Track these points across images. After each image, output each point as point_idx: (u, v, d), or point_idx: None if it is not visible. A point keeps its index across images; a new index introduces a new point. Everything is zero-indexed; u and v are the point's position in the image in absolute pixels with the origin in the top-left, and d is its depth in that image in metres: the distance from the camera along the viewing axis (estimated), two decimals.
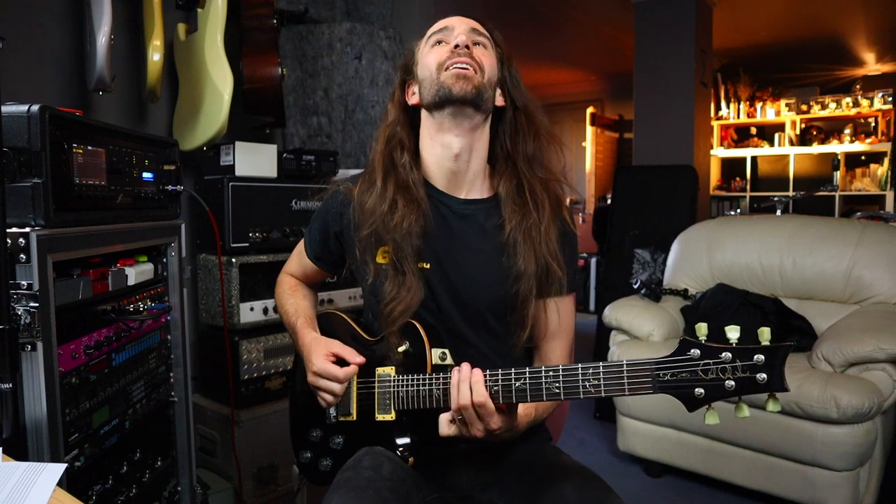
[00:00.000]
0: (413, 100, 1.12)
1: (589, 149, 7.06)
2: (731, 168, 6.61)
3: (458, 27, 1.07)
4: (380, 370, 1.07)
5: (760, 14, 4.94)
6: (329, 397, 1.08)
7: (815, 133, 6.25)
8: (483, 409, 0.89)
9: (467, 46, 1.04)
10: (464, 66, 1.02)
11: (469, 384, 0.90)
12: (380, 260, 1.10)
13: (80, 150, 1.19)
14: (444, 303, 1.09)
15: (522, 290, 1.05)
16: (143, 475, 1.44)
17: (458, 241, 1.10)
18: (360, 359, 1.08)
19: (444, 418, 0.94)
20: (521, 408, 0.99)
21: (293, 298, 1.28)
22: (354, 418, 1.10)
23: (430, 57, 1.06)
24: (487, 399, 0.89)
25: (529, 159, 1.10)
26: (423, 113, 1.10)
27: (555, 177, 1.12)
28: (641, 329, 2.47)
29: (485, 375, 0.90)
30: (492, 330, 1.10)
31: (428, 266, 1.08)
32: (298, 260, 1.32)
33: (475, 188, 1.12)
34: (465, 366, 0.92)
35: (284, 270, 1.36)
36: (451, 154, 1.07)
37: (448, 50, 1.04)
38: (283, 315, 1.28)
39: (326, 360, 1.08)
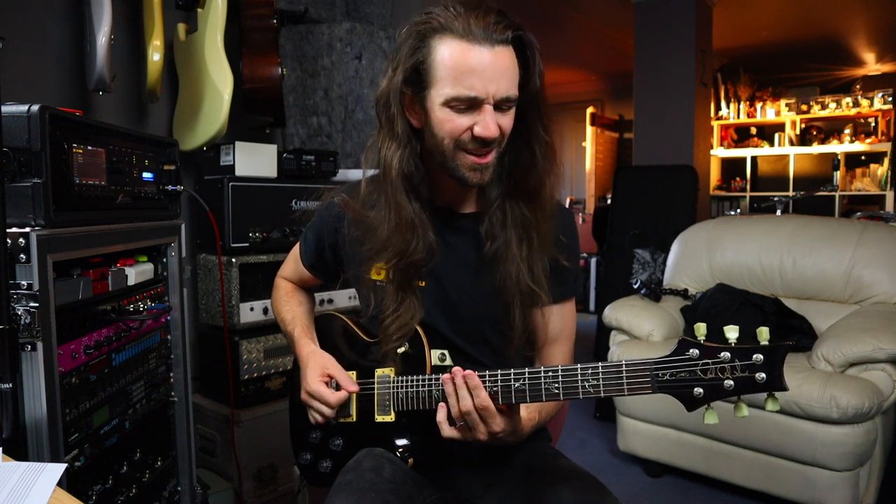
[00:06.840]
0: (416, 123, 0.99)
1: (589, 149, 7.06)
2: (731, 168, 6.61)
3: (489, 96, 0.90)
4: (379, 371, 1.07)
5: (760, 14, 4.94)
6: (319, 417, 1.08)
7: (815, 133, 6.25)
8: (486, 411, 0.88)
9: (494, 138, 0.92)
10: (487, 164, 0.95)
11: (467, 389, 0.88)
12: (374, 276, 1.07)
13: (80, 150, 1.19)
14: (440, 319, 1.07)
15: (515, 302, 1.01)
16: (143, 475, 1.44)
17: (454, 258, 1.06)
18: (354, 388, 1.06)
19: (442, 420, 0.93)
20: (525, 411, 0.97)
21: (289, 305, 1.27)
22: (354, 419, 1.09)
23: (448, 126, 0.93)
24: (490, 402, 0.88)
25: (523, 167, 1.00)
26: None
27: (549, 181, 1.02)
28: (641, 329, 2.47)
29: (483, 376, 0.89)
30: (490, 343, 1.08)
31: (423, 284, 1.06)
32: (294, 265, 1.30)
33: (471, 201, 1.08)
34: (458, 371, 0.90)
35: (280, 275, 1.34)
36: (455, 187, 1.03)
37: (471, 134, 0.92)
38: (280, 323, 1.26)
39: (321, 381, 1.07)
